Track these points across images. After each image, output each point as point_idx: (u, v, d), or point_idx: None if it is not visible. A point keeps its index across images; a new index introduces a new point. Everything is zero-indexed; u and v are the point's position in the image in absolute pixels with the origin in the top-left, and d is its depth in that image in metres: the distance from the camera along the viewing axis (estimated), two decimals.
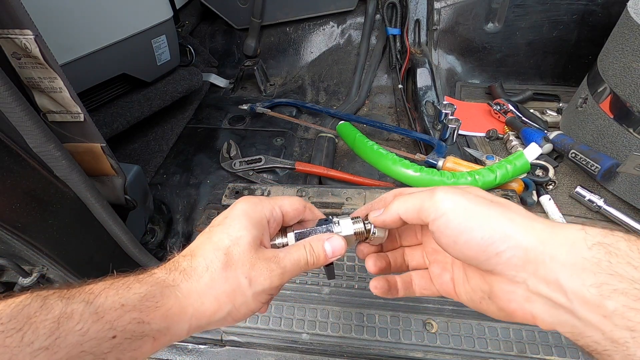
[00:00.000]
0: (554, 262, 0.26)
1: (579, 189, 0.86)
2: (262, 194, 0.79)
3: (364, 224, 0.39)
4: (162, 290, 0.31)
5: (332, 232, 0.39)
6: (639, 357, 0.22)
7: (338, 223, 0.39)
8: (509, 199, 0.76)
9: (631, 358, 0.23)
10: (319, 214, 0.43)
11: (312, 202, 0.76)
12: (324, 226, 0.39)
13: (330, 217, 0.41)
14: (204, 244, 0.35)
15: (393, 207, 0.35)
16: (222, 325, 0.35)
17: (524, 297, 0.28)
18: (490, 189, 0.77)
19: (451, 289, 0.37)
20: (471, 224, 0.29)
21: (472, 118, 1.14)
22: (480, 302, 0.33)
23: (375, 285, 0.39)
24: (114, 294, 0.29)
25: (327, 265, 0.40)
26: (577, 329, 0.25)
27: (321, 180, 1.00)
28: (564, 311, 0.26)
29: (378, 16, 1.38)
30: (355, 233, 0.39)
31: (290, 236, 0.39)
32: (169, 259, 0.36)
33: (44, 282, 0.61)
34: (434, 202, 0.31)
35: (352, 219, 0.40)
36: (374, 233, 0.39)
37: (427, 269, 0.40)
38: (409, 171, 0.78)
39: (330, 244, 0.38)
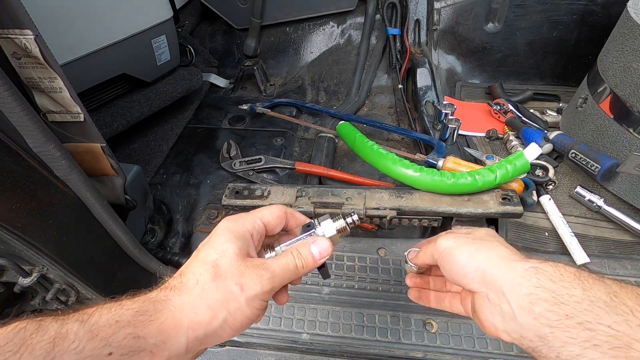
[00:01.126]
0: (500, 279, 0.35)
1: (579, 189, 0.86)
2: (262, 194, 0.79)
3: (344, 219, 0.42)
4: (154, 305, 0.32)
5: (317, 235, 0.41)
6: (556, 347, 0.30)
7: (319, 224, 0.42)
8: (509, 199, 0.76)
9: (553, 349, 0.31)
10: (302, 218, 0.45)
11: (312, 202, 0.76)
12: (306, 233, 0.42)
13: (312, 220, 0.43)
14: (191, 262, 0.37)
15: (419, 256, 0.46)
16: (221, 338, 0.35)
17: (489, 309, 0.36)
18: (491, 189, 0.77)
19: (468, 309, 0.44)
20: (455, 258, 0.40)
21: (472, 118, 1.14)
22: (473, 316, 0.41)
23: (414, 282, 0.51)
24: (107, 312, 0.30)
25: (319, 268, 0.42)
26: (518, 333, 0.33)
27: (321, 180, 1.00)
28: (509, 318, 0.34)
29: (378, 16, 1.38)
30: (337, 231, 0.42)
31: (278, 250, 0.41)
32: (161, 283, 0.36)
33: (44, 282, 0.61)
34: (436, 248, 0.42)
35: (332, 217, 0.42)
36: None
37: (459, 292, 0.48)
38: (409, 171, 0.78)
39: (316, 246, 0.40)
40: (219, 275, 0.35)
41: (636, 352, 0.27)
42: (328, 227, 0.42)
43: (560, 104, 1.16)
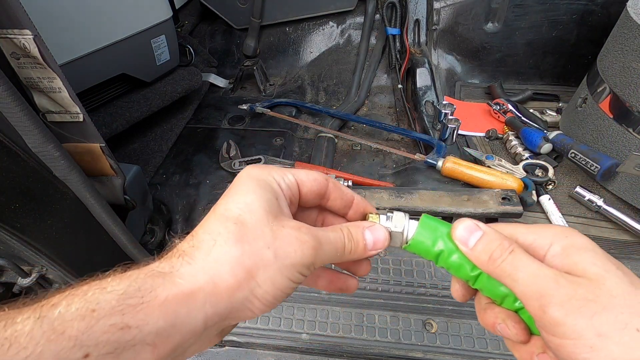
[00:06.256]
0: None
1: (578, 189, 0.86)
2: None
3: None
4: (151, 281, 0.23)
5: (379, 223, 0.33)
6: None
7: (391, 219, 0.33)
8: (508, 199, 0.76)
9: None
10: (349, 193, 0.35)
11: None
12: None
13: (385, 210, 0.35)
14: (207, 219, 0.28)
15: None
16: (248, 314, 0.27)
17: None
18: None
19: None
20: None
21: (471, 118, 1.14)
22: None
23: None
24: (79, 299, 0.22)
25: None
26: None
27: None
28: None
29: (378, 16, 1.38)
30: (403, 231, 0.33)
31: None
32: (168, 249, 0.28)
33: (43, 282, 0.61)
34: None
35: (407, 214, 0.33)
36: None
37: None
38: None
39: (371, 233, 0.31)
40: (244, 236, 0.26)
41: None
42: (400, 221, 0.32)
43: (560, 104, 1.16)
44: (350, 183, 0.80)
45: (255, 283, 0.26)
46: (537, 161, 0.92)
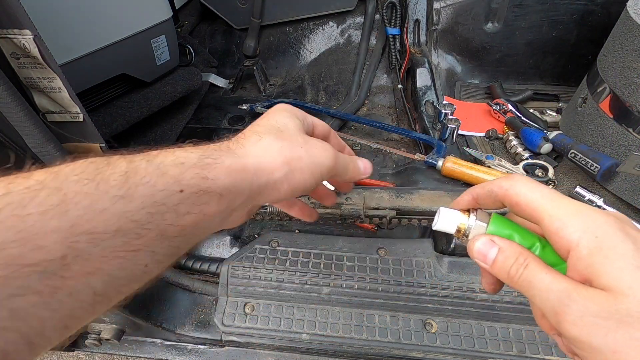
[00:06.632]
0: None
1: (578, 189, 0.86)
2: None
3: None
4: (218, 153, 0.31)
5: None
6: None
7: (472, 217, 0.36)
8: None
9: None
10: (341, 141, 0.47)
11: (310, 202, 0.76)
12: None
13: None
14: (253, 126, 0.37)
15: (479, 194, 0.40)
16: (277, 193, 0.34)
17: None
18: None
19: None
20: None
21: (471, 118, 1.14)
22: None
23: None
24: (171, 155, 0.29)
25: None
26: None
27: None
28: None
29: (378, 16, 1.38)
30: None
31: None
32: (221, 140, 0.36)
33: None
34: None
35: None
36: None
37: None
38: None
39: (361, 162, 0.43)
40: (283, 136, 0.35)
41: None
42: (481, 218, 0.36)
43: (560, 104, 1.16)
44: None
45: (289, 169, 0.34)
46: (537, 161, 0.92)
